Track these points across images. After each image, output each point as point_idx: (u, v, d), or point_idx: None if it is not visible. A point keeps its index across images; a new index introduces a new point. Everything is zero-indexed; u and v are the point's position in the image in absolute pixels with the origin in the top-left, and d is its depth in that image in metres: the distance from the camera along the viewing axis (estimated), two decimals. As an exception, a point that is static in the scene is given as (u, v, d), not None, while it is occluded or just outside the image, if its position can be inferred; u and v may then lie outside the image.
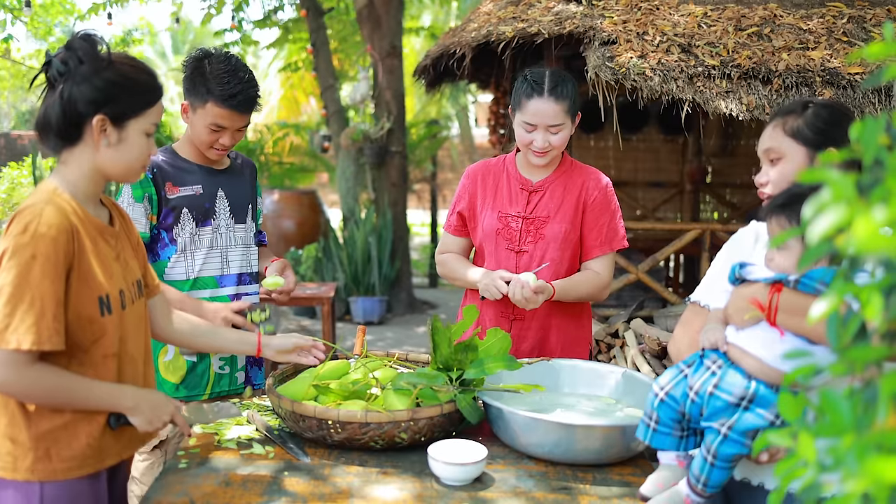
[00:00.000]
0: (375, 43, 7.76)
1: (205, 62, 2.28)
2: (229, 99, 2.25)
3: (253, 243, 2.53)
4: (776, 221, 1.48)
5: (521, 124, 2.35)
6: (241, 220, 2.47)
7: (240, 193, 2.47)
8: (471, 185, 2.53)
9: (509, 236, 2.43)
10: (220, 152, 2.37)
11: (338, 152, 8.32)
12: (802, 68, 3.59)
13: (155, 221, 2.34)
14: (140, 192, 2.29)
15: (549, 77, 2.32)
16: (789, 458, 0.72)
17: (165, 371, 2.37)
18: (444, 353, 1.95)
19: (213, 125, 2.28)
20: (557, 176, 2.44)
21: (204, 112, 2.27)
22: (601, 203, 2.42)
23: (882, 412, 0.61)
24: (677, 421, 1.56)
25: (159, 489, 1.65)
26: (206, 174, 2.40)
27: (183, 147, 2.41)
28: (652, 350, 3.70)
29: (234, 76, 2.26)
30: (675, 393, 1.56)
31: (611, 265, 2.45)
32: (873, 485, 0.57)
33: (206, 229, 2.38)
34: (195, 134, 2.33)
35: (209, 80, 2.24)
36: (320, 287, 5.51)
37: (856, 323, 0.69)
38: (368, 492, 1.64)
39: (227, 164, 2.49)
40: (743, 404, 1.46)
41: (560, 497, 1.65)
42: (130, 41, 9.27)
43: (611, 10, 4.11)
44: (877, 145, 0.65)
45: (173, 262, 2.36)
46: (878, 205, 0.59)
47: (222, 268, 2.42)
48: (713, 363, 1.53)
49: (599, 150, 8.92)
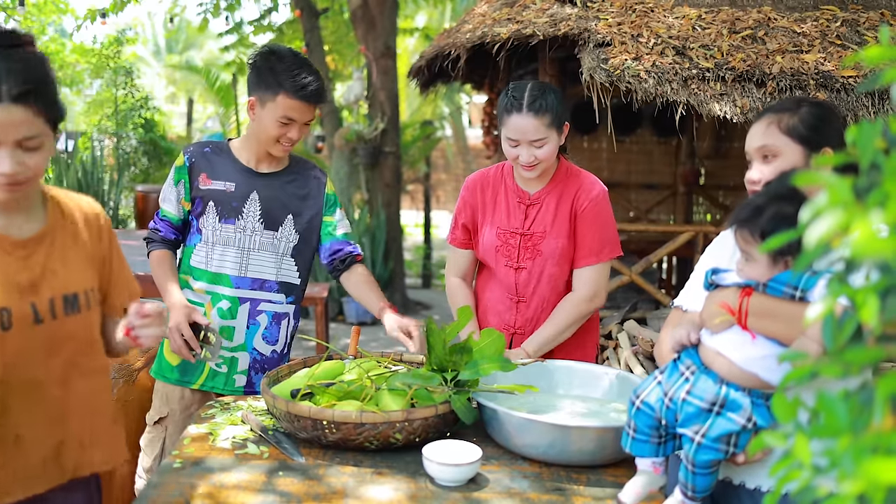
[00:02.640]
0: (369, 43, 7.75)
1: (273, 57, 2.32)
2: (301, 90, 2.27)
3: (288, 254, 2.45)
4: (740, 234, 1.49)
5: (505, 139, 2.34)
6: (272, 226, 2.42)
7: (279, 200, 2.43)
8: (471, 197, 2.53)
9: (508, 253, 2.44)
10: (287, 147, 2.37)
11: (331, 152, 8.31)
12: (796, 71, 3.60)
13: (188, 208, 2.42)
14: (177, 177, 2.40)
15: (528, 92, 2.30)
16: (784, 460, 0.72)
17: (167, 351, 2.45)
18: (438, 354, 1.95)
19: (284, 118, 2.29)
20: (553, 187, 2.43)
21: (274, 105, 2.29)
22: (591, 214, 2.40)
23: (878, 414, 0.61)
24: (654, 428, 1.57)
25: (154, 489, 1.64)
26: (245, 174, 2.41)
27: (237, 144, 2.45)
28: (645, 351, 3.71)
29: (304, 69, 2.29)
30: (649, 400, 1.57)
31: (598, 275, 2.42)
32: (869, 486, 0.58)
33: (228, 227, 2.39)
34: (262, 129, 2.33)
35: (280, 74, 2.27)
36: (313, 287, 5.50)
37: (851, 325, 0.69)
38: (363, 492, 1.64)
39: (281, 167, 2.46)
40: (715, 409, 1.47)
41: (554, 498, 1.65)
42: (124, 40, 9.25)
43: (605, 13, 4.12)
44: (873, 148, 0.65)
45: (197, 251, 2.41)
46: (875, 209, 0.59)
47: (239, 269, 2.40)
48: (686, 369, 1.55)
49: (593, 151, 8.93)
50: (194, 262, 2.42)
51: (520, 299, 2.44)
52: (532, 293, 2.43)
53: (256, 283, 2.42)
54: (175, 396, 2.45)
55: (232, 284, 2.40)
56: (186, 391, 2.45)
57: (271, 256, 2.43)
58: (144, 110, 8.41)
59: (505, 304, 2.48)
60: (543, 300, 2.44)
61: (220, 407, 2.21)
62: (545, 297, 2.43)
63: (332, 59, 10.34)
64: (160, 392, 2.48)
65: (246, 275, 2.41)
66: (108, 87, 8.58)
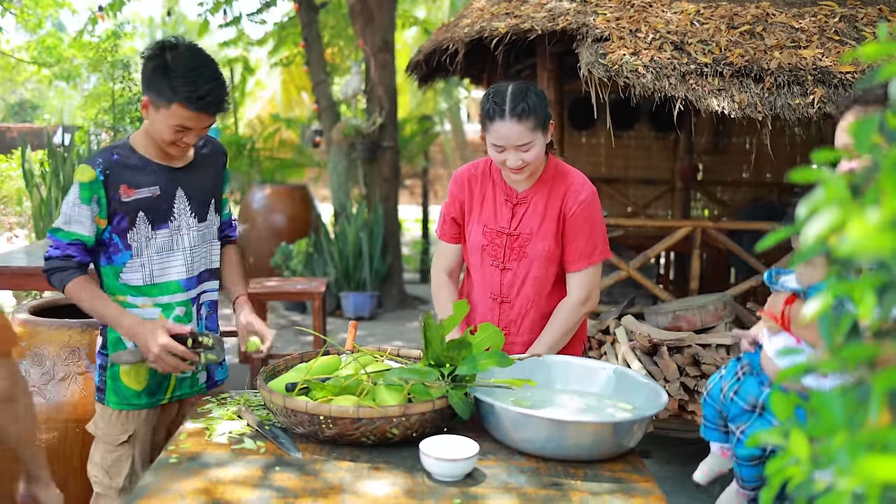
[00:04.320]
0: (368, 38, 7.73)
1: (167, 57, 2.09)
2: (197, 101, 2.07)
3: (215, 238, 2.41)
4: None
5: (491, 145, 2.30)
6: (202, 217, 2.33)
7: (202, 189, 2.33)
8: (459, 191, 2.50)
9: (494, 253, 2.41)
10: (183, 150, 2.22)
11: (329, 147, 8.30)
12: (794, 67, 3.60)
13: (104, 225, 2.19)
14: (88, 194, 2.14)
15: (510, 96, 2.23)
16: (781, 456, 0.72)
17: (127, 378, 2.27)
18: (436, 349, 1.95)
19: (179, 126, 2.11)
20: (541, 186, 2.39)
21: (168, 113, 2.09)
22: (580, 218, 2.36)
23: (874, 410, 0.61)
24: (719, 417, 1.72)
25: (150, 485, 1.64)
26: (164, 173, 2.24)
27: (140, 141, 2.24)
28: (643, 347, 3.71)
29: (201, 75, 2.08)
30: (713, 392, 1.72)
31: (590, 278, 2.40)
32: (865, 483, 0.58)
33: (162, 231, 2.24)
34: (156, 132, 2.15)
35: (174, 80, 2.06)
36: (311, 282, 5.50)
37: (848, 321, 0.69)
38: (360, 487, 1.64)
39: (189, 159, 2.33)
40: (756, 411, 1.59)
41: (551, 493, 1.65)
42: (122, 34, 9.22)
43: (604, 7, 4.11)
44: (871, 144, 0.65)
45: (129, 268, 2.23)
46: (871, 205, 0.59)
47: (187, 270, 2.29)
48: (740, 369, 1.67)
49: (591, 146, 8.93)
50: (127, 280, 2.23)
51: (503, 300, 2.42)
52: (516, 294, 2.41)
53: (197, 278, 2.34)
54: (139, 416, 2.31)
55: (183, 288, 2.29)
56: (152, 409, 2.34)
57: (205, 246, 2.36)
58: (142, 104, 8.41)
59: (487, 305, 2.46)
60: (528, 301, 2.42)
61: (216, 402, 2.21)
62: (529, 299, 2.41)
63: (331, 54, 10.32)
64: (120, 416, 2.30)
65: (189, 275, 2.31)
66: (105, 81, 8.55)
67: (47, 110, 20.32)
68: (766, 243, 0.73)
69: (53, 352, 2.77)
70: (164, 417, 2.41)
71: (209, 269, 2.40)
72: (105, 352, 2.30)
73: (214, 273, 2.43)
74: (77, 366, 2.76)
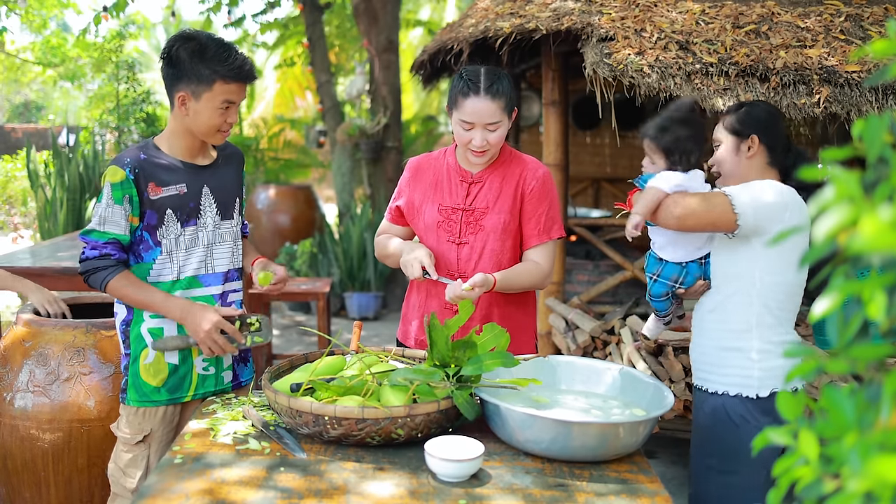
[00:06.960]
0: (372, 38, 7.74)
1: (194, 45, 2.20)
2: (238, 71, 2.20)
3: (239, 238, 2.47)
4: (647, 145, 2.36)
5: (458, 122, 2.33)
6: (228, 216, 2.40)
7: (226, 188, 2.40)
8: (411, 178, 2.56)
9: (450, 229, 2.44)
10: (227, 133, 2.30)
11: (333, 147, 8.30)
12: (800, 66, 3.59)
13: (137, 223, 2.25)
14: (120, 194, 2.20)
15: (484, 75, 2.30)
16: (790, 456, 0.71)
17: (146, 374, 2.29)
18: (441, 350, 1.94)
19: (224, 102, 2.21)
20: (496, 167, 2.44)
21: (211, 94, 2.19)
22: (539, 193, 2.42)
23: (885, 411, 0.61)
24: None
25: (154, 485, 1.64)
26: (190, 172, 2.31)
27: (166, 142, 2.31)
28: (648, 347, 3.70)
29: (230, 48, 2.22)
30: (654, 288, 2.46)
31: (550, 254, 2.45)
32: (876, 484, 0.57)
33: (189, 229, 2.30)
34: (201, 122, 2.23)
35: (209, 60, 2.17)
36: (315, 282, 5.50)
37: (858, 321, 0.68)
38: (364, 488, 1.64)
39: (213, 157, 2.40)
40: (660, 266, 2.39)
41: (556, 494, 1.64)
42: (126, 35, 9.23)
43: (609, 7, 4.10)
44: (881, 142, 0.64)
45: (159, 265, 2.28)
46: (883, 203, 0.59)
47: (206, 266, 2.34)
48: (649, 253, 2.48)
49: (595, 146, 8.92)
50: (157, 278, 2.28)
51: (461, 275, 2.42)
52: (473, 268, 2.42)
53: (223, 276, 2.38)
54: (157, 414, 2.32)
55: (202, 284, 2.34)
56: (170, 407, 2.34)
57: (229, 245, 2.41)
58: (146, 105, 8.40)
59: None
60: None
61: (221, 402, 2.21)
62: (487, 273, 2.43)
63: (335, 54, 10.32)
64: (137, 413, 2.32)
65: (213, 271, 2.35)
66: (109, 81, 8.57)
67: (52, 111, 20.37)
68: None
69: (58, 352, 2.76)
70: (186, 416, 2.39)
71: (236, 267, 2.44)
72: (128, 351, 2.32)
73: (240, 272, 2.47)
74: (82, 366, 2.75)
